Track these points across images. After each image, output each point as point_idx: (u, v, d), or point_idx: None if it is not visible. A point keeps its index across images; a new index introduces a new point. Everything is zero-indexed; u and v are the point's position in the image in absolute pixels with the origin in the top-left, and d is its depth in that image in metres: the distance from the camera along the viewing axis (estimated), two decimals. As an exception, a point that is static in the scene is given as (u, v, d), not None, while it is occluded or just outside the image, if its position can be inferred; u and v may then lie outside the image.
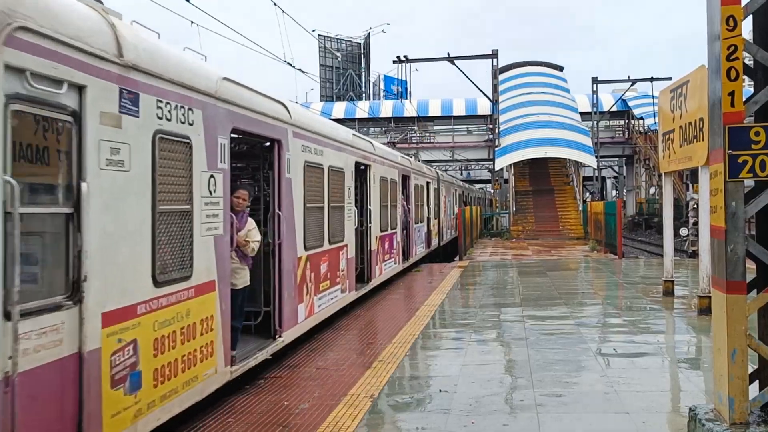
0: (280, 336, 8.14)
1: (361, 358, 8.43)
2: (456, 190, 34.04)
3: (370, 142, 14.38)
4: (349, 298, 11.73)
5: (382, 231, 14.87)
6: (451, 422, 5.92)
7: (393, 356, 8.44)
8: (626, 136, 56.74)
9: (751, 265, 4.88)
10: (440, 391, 6.88)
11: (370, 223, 13.74)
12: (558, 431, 5.70)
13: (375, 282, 14.14)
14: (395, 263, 16.65)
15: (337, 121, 15.65)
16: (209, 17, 12.56)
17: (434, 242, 24.53)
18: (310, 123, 9.63)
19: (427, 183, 22.85)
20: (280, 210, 8.15)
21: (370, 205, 13.71)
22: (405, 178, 18.40)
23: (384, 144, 19.29)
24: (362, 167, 13.43)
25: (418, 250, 20.75)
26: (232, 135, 6.81)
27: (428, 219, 23.06)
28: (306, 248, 9.21)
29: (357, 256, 13.07)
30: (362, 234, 13.53)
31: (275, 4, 15.74)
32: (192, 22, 12.88)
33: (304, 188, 9.11)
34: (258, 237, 7.44)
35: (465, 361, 8.17)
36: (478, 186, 61.98)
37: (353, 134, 12.60)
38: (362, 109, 56.09)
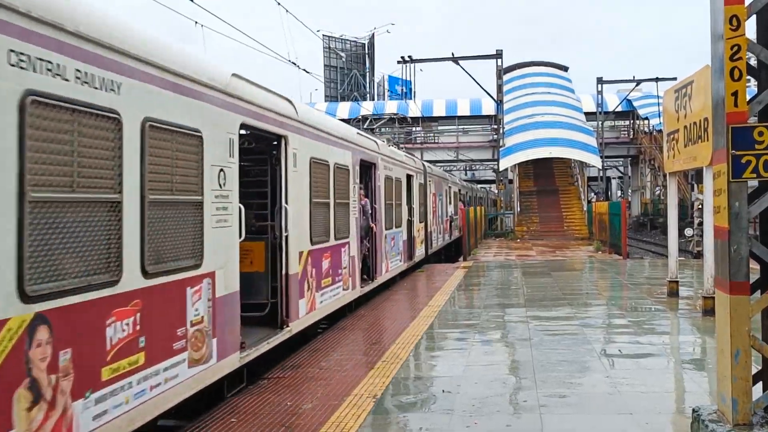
0: None
1: (365, 358, 8.42)
2: (450, 187, 29.71)
3: (288, 101, 8.93)
4: (203, 378, 6.16)
5: (315, 243, 9.72)
6: (454, 423, 5.91)
7: (396, 356, 8.43)
8: (631, 137, 56.66)
9: (754, 266, 4.87)
10: (443, 391, 6.87)
11: (286, 231, 8.51)
12: (561, 432, 5.70)
13: (299, 325, 8.91)
14: (347, 288, 11.53)
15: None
16: (213, 17, 12.58)
17: (419, 252, 20.15)
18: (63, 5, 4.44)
19: (408, 176, 18.55)
20: None
21: (286, 203, 8.57)
22: (368, 167, 13.87)
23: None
24: (266, 140, 8.79)
25: (392, 265, 15.75)
26: None
27: (410, 223, 18.69)
28: (25, 298, 3.99)
29: (267, 287, 8.85)
30: (274, 249, 8.81)
31: (279, 4, 15.76)
32: (196, 22, 12.90)
33: (22, 156, 4.01)
34: None
35: (468, 362, 8.16)
36: (480, 186, 61.77)
37: (233, 75, 7.08)
38: (366, 109, 56.05)
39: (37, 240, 4.10)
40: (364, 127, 25.08)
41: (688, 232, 24.72)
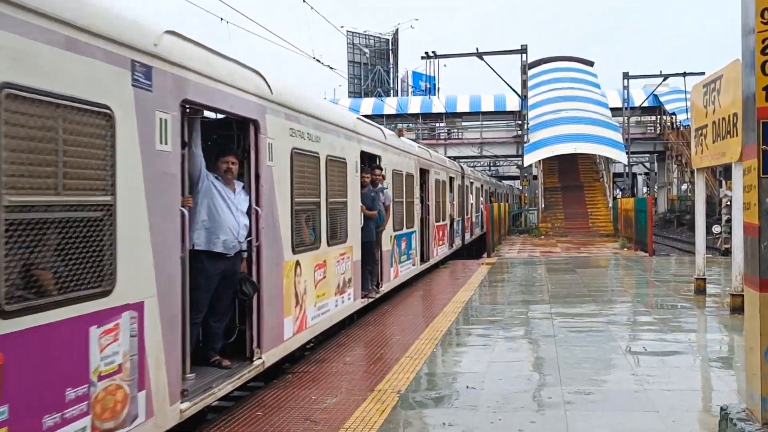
0: None
1: (389, 354, 8.45)
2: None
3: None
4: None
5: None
6: (478, 418, 5.91)
7: (420, 352, 8.44)
8: (658, 132, 55.94)
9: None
10: (467, 387, 6.87)
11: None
12: (586, 429, 5.66)
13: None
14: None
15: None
16: (238, 14, 12.64)
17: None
18: None
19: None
20: None
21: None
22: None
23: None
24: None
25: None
26: None
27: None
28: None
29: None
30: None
31: (304, 1, 15.79)
32: (221, 18, 12.99)
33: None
34: None
35: (492, 358, 8.15)
36: (504, 182, 61.37)
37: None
38: (390, 105, 56.00)
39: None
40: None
41: (716, 229, 24.38)
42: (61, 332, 3.88)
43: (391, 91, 78.55)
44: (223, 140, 6.95)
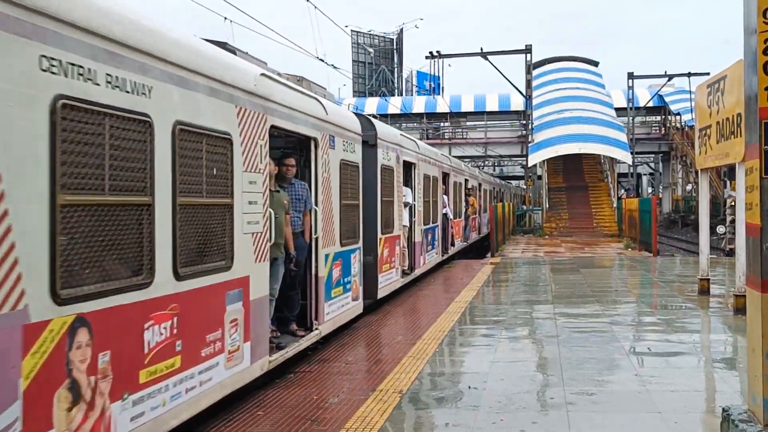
0: None
1: (391, 354, 8.45)
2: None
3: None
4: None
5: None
6: (480, 419, 5.90)
7: (423, 352, 8.44)
8: (662, 132, 55.83)
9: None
10: (469, 387, 6.86)
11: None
12: (588, 430, 5.65)
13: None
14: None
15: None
16: (242, 13, 12.66)
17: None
18: None
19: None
20: None
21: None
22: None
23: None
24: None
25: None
26: None
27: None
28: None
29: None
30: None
31: (308, 0, 15.80)
32: (225, 18, 13.01)
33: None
34: None
35: (495, 358, 8.14)
36: (507, 181, 61.17)
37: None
38: (394, 105, 55.97)
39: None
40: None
41: (720, 229, 24.32)
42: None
43: (396, 90, 78.49)
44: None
